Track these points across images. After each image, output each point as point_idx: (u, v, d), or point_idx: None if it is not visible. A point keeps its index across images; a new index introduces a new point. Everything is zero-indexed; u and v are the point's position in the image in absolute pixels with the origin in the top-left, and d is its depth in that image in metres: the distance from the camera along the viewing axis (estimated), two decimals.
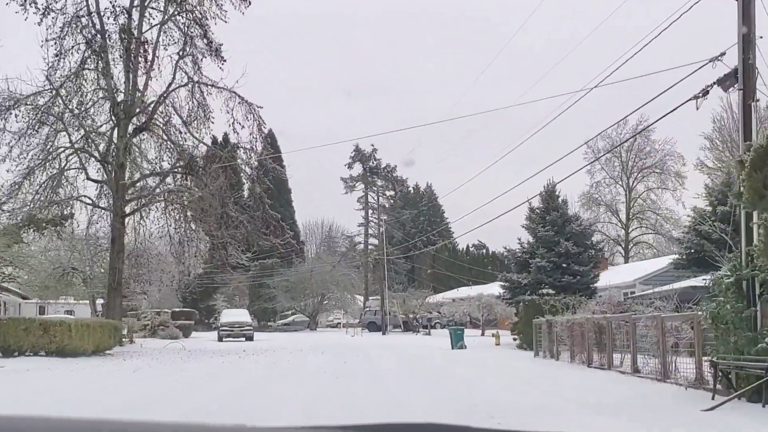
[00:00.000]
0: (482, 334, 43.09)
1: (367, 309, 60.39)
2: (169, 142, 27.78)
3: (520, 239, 35.28)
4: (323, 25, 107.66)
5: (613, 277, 39.07)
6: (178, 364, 20.36)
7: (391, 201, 66.85)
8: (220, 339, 40.59)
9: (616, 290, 37.17)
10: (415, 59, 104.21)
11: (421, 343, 37.05)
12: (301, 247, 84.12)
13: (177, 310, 54.02)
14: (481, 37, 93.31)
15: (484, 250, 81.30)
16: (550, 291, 32.41)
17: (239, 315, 42.97)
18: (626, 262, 66.56)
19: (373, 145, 63.68)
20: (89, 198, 28.01)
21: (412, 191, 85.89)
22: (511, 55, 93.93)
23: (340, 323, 74.10)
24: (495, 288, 52.83)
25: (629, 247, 69.62)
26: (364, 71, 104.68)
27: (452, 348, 31.02)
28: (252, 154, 27.81)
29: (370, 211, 65.61)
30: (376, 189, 62.83)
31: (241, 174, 27.47)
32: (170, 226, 27.84)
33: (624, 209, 69.51)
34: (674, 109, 14.70)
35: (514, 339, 32.47)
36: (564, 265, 32.75)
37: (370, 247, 66.43)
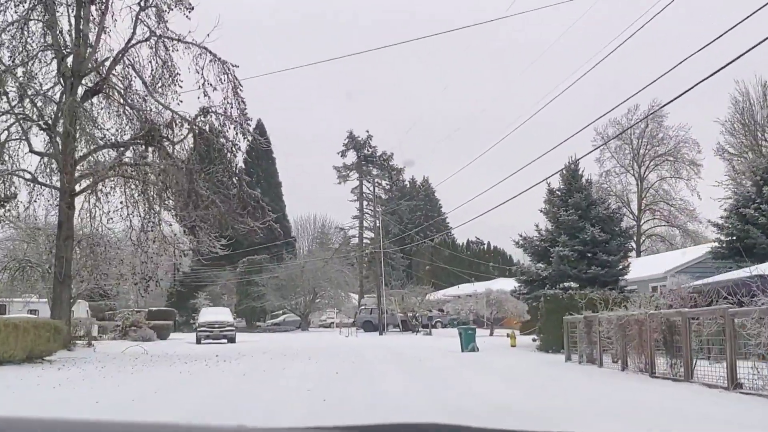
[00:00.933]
0: (491, 334, 38.74)
1: (363, 307, 55.98)
2: (128, 108, 23.28)
3: (537, 225, 30.94)
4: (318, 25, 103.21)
5: (639, 268, 34.70)
6: (122, 376, 15.89)
7: (387, 191, 62.27)
8: (198, 341, 36.13)
9: (641, 283, 32.89)
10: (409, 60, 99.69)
11: (424, 345, 32.67)
12: (292, 243, 79.77)
13: (154, 309, 49.49)
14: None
15: (485, 245, 77.00)
16: (572, 284, 28.10)
17: (220, 314, 38.44)
18: (638, 256, 62.43)
19: (368, 132, 59.31)
20: (28, 172, 23.45)
21: (408, 185, 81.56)
22: (514, 52, 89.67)
23: (333, 323, 69.89)
24: (501, 284, 48.53)
25: (641, 240, 65.34)
26: (358, 72, 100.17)
27: (462, 350, 26.70)
28: (227, 122, 23.22)
29: (365, 203, 61.11)
30: (371, 178, 58.42)
31: (213, 144, 22.82)
32: (129, 206, 23.33)
33: (636, 200, 65.26)
34: (692, 88, 13.55)
35: (534, 340, 28.12)
36: (589, 254, 28.41)
37: (365, 241, 61.95)
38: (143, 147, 22.66)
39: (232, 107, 23.28)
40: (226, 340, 36.62)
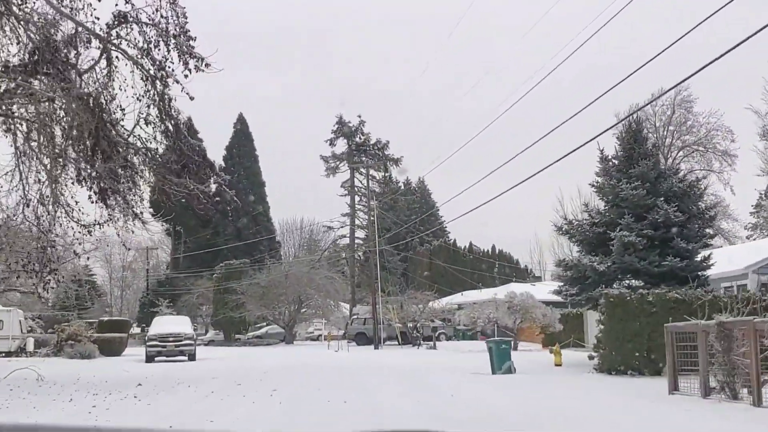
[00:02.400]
0: (515, 348, 31.33)
1: (355, 317, 48.41)
2: (13, 19, 15.80)
3: (587, 205, 23.54)
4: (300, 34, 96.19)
5: None
6: None
7: (382, 184, 54.39)
8: (148, 359, 28.50)
9: (712, 282, 25.62)
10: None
11: (435, 363, 25.19)
12: (276, 247, 71.98)
13: (106, 319, 41.65)
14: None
15: (489, 249, 69.60)
16: (633, 282, 20.70)
17: (176, 323, 30.64)
18: None
19: (360, 117, 51.80)
20: None
21: (402, 186, 74.14)
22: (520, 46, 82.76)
23: (321, 335, 62.39)
24: (514, 289, 41.37)
25: None
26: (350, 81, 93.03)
27: (494, 372, 19.34)
28: (159, 38, 15.63)
29: (357, 198, 53.52)
30: (365, 170, 51.06)
31: (137, 70, 15.23)
32: (21, 163, 15.81)
33: None
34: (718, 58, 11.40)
35: (590, 357, 20.69)
36: (662, 241, 21.09)
37: (357, 241, 54.43)
38: (32, 74, 15.14)
39: (167, 20, 15.72)
40: (185, 357, 29.04)
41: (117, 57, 15.60)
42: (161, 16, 15.75)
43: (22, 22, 15.70)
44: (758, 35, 11.19)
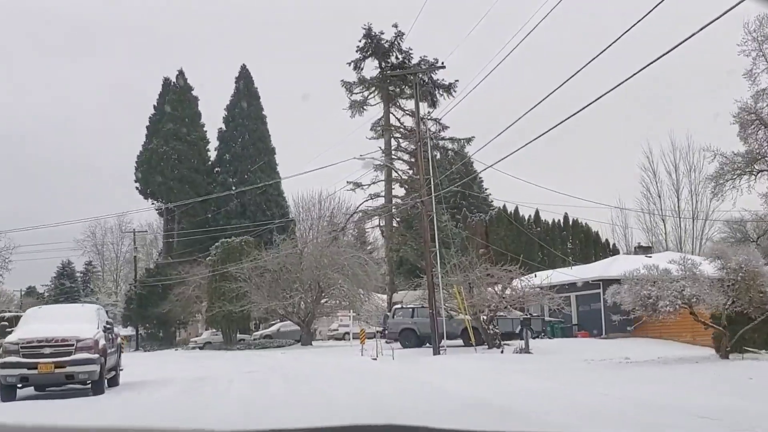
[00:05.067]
0: (724, 355, 16.46)
1: (398, 307, 33.37)
2: None
3: None
4: None
5: None
6: None
7: (434, 120, 38.16)
8: (4, 393, 14.11)
9: None
10: None
11: (625, 399, 10.31)
12: (289, 226, 56.89)
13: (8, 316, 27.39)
14: None
15: (562, 218, 54.43)
16: None
17: (65, 319, 15.81)
18: None
19: (396, 27, 36.34)
20: None
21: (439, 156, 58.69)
22: None
23: (347, 333, 48.11)
24: (622, 265, 26.76)
25: None
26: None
27: None
28: None
29: (394, 143, 38.04)
30: (404, 98, 35.99)
31: None
32: None
33: None
34: None
35: None
36: None
37: (395, 200, 39.18)
38: None
39: None
40: (82, 386, 14.58)
41: None
42: None
43: None
44: None
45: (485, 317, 28.61)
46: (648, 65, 11.72)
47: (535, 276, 30.27)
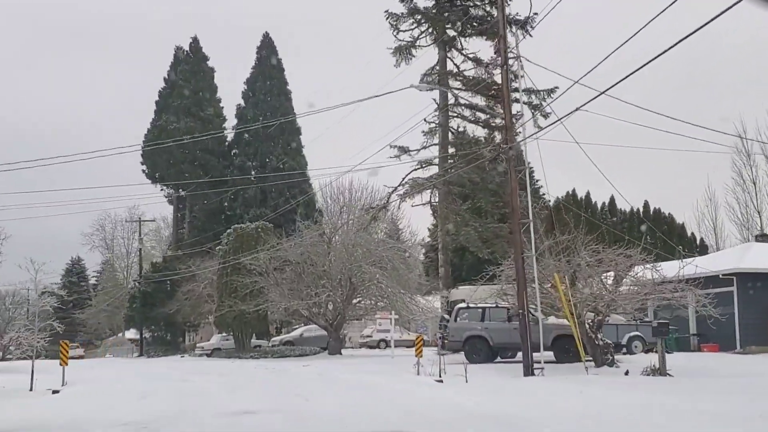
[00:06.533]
0: None
1: (461, 306, 24.57)
2: None
3: None
4: None
5: None
6: None
7: (494, 66, 29.25)
8: None
9: None
10: None
11: None
12: (316, 219, 48.36)
13: None
14: None
15: (642, 206, 45.68)
16: None
17: None
18: None
19: None
20: None
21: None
22: None
23: (383, 340, 39.96)
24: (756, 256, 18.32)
25: None
26: None
27: None
28: None
29: (451, 98, 29.43)
30: (465, 39, 27.55)
31: None
32: None
33: None
34: None
35: None
36: None
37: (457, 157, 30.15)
38: None
39: None
40: None
41: None
42: None
43: None
44: None
45: (590, 321, 20.09)
46: None
47: (657, 266, 21.50)
